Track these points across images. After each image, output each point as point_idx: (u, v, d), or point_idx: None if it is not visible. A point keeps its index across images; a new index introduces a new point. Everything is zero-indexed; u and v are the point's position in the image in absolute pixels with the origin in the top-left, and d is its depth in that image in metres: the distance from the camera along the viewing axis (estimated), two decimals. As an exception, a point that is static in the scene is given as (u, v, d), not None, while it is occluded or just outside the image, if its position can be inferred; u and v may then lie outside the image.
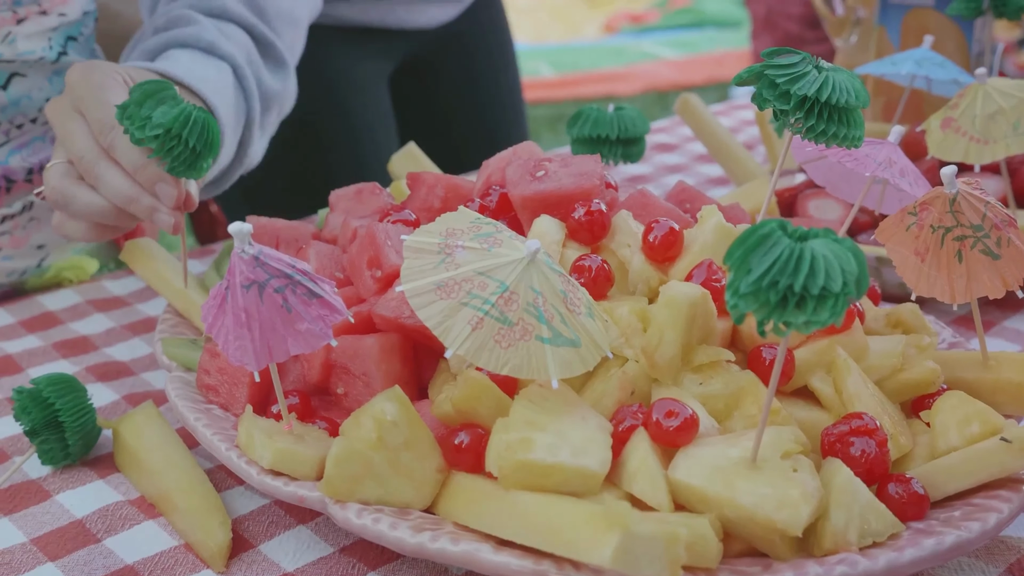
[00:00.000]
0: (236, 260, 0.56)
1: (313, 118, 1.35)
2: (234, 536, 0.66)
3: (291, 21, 0.98)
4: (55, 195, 0.77)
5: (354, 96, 1.39)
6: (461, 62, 1.50)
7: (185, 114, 0.72)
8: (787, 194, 0.99)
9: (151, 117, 0.72)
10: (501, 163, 0.77)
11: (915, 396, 0.67)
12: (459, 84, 1.52)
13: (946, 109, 0.88)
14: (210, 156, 0.74)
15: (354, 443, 0.58)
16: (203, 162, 0.74)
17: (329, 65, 1.37)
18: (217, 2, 0.91)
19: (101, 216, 0.77)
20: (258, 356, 0.57)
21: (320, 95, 1.36)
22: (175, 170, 0.74)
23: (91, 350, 0.90)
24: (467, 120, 1.54)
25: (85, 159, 0.76)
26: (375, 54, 1.41)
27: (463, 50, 1.50)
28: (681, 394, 0.61)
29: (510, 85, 1.58)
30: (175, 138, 0.72)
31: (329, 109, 1.38)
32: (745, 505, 0.54)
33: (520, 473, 0.55)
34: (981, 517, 0.57)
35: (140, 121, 0.72)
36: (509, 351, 0.56)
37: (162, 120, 0.72)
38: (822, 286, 0.48)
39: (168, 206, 0.76)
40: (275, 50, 0.95)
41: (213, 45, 0.87)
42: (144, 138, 0.72)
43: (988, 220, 0.63)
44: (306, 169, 1.37)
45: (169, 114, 0.72)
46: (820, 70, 0.65)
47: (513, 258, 0.58)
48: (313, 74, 1.36)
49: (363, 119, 1.40)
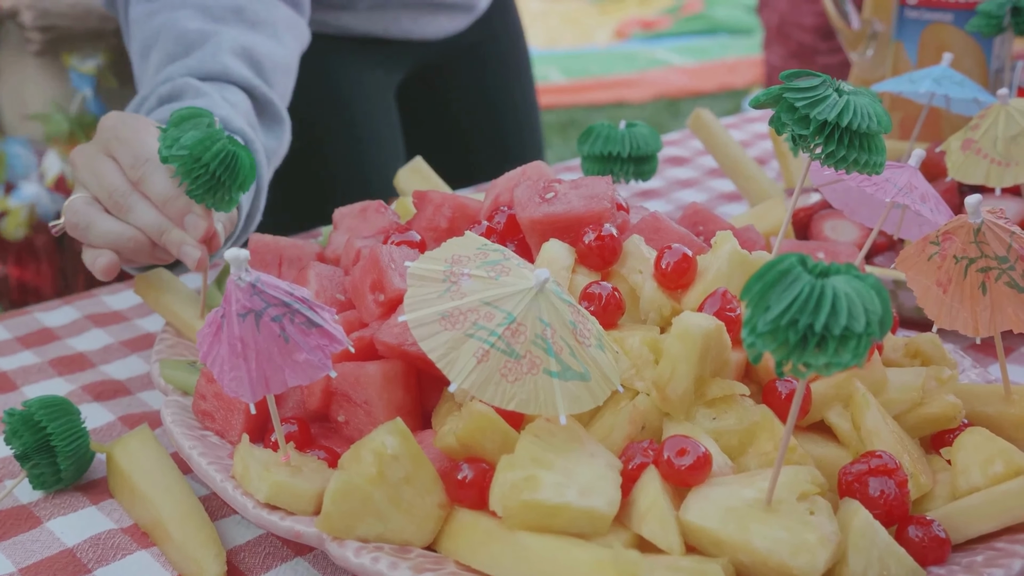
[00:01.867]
0: (232, 288, 0.54)
1: (316, 129, 1.33)
2: (229, 568, 0.64)
3: (285, 71, 0.97)
4: (76, 219, 0.76)
5: (359, 107, 1.37)
6: (474, 72, 1.48)
7: (211, 140, 0.72)
8: (802, 214, 0.96)
9: (180, 138, 0.72)
10: (510, 183, 0.75)
11: (935, 431, 0.65)
12: (471, 94, 1.49)
13: (966, 130, 0.86)
14: (235, 188, 0.74)
15: (353, 478, 0.56)
16: (226, 193, 0.74)
17: (333, 75, 1.35)
18: (217, 64, 0.89)
19: (123, 243, 0.76)
20: (254, 387, 0.55)
21: (323, 106, 1.34)
22: (195, 195, 0.74)
23: (88, 367, 0.88)
24: (480, 131, 1.52)
25: (116, 191, 0.75)
26: (380, 64, 1.39)
27: (476, 60, 1.47)
28: (693, 429, 0.59)
29: (524, 95, 1.55)
30: (196, 161, 0.72)
31: (332, 120, 1.36)
32: (759, 549, 0.52)
33: (525, 513, 0.53)
34: (1005, 563, 0.55)
35: (170, 140, 0.73)
36: (516, 385, 0.54)
37: (188, 143, 0.72)
38: (844, 326, 0.46)
39: (195, 238, 0.75)
40: (273, 107, 0.94)
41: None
42: (169, 156, 0.72)
43: (1014, 252, 0.61)
44: (309, 181, 1.35)
45: (196, 138, 0.72)
46: (841, 93, 0.62)
47: (521, 288, 0.56)
48: (316, 84, 1.34)
49: (368, 130, 1.38)
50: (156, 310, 0.82)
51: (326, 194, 1.34)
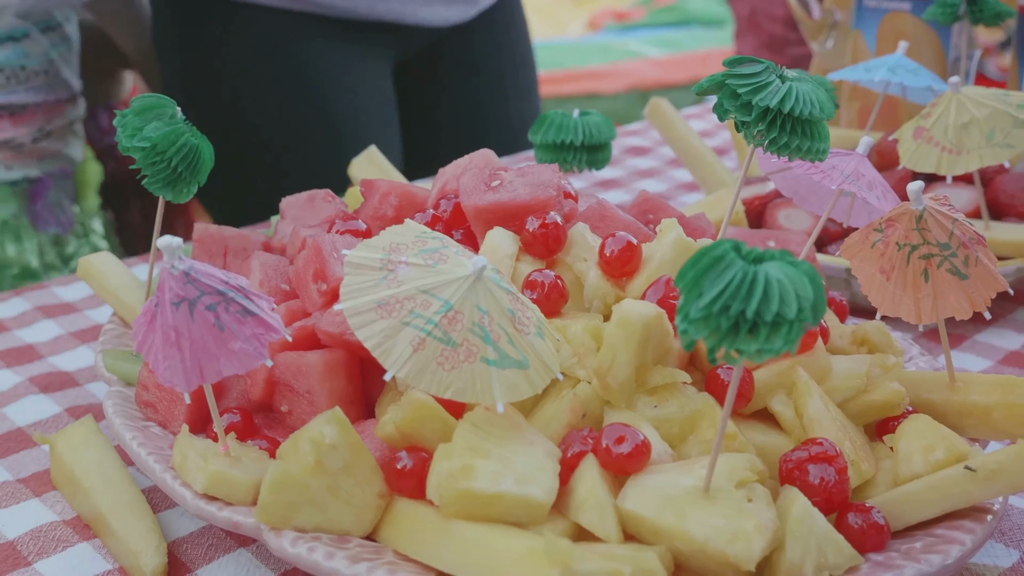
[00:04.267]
0: (165, 276, 0.54)
1: (291, 118, 1.31)
2: (171, 560, 0.63)
3: None
4: None
5: (339, 95, 1.34)
6: (475, 61, 1.46)
7: (175, 134, 0.71)
8: (756, 203, 0.96)
9: (143, 128, 0.71)
10: (457, 171, 0.74)
11: (879, 418, 0.65)
12: (472, 84, 1.47)
13: (918, 118, 0.86)
14: (193, 182, 0.73)
15: (291, 468, 0.55)
16: (184, 186, 0.73)
17: (307, 60, 1.32)
18: None
19: None
20: (188, 377, 0.54)
21: (298, 94, 1.32)
22: (153, 187, 0.72)
23: (36, 359, 0.87)
24: (480, 121, 1.49)
25: None
26: (366, 51, 1.36)
27: (477, 48, 1.45)
28: (634, 418, 0.58)
29: (526, 85, 1.53)
30: (159, 155, 0.71)
31: (306, 107, 1.34)
32: (696, 537, 0.51)
33: (461, 502, 0.52)
34: (943, 549, 0.55)
35: (131, 130, 0.71)
36: (452, 373, 0.54)
37: (151, 135, 0.71)
38: (776, 312, 0.45)
39: None
40: None
41: None
42: (130, 147, 0.71)
43: (956, 238, 0.61)
44: (286, 172, 1.34)
45: (161, 131, 0.71)
46: (784, 80, 0.62)
47: (458, 275, 0.55)
48: (292, 71, 1.32)
49: (348, 118, 1.35)
50: (100, 295, 0.81)
51: (301, 186, 1.33)
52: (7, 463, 0.73)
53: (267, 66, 1.33)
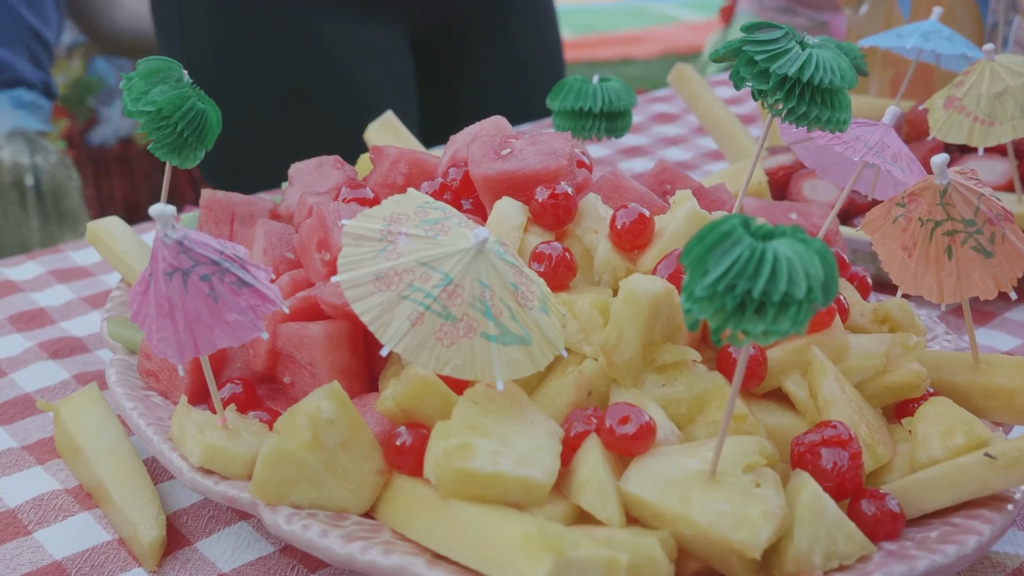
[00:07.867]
0: (158, 245, 0.52)
1: (297, 85, 1.30)
2: (171, 531, 0.63)
3: None
4: None
5: (358, 65, 1.33)
6: (498, 26, 1.43)
7: (181, 98, 0.70)
8: (780, 173, 0.93)
9: (148, 92, 0.70)
10: (468, 138, 0.72)
11: (898, 400, 0.62)
12: (495, 50, 1.45)
13: (950, 87, 0.83)
14: (200, 147, 0.72)
15: (287, 443, 0.54)
16: (190, 151, 0.72)
17: (327, 30, 1.31)
18: None
19: None
20: (182, 348, 0.53)
21: (306, 62, 1.30)
22: (159, 152, 0.72)
23: (47, 324, 0.86)
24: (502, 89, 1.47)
25: None
26: (381, 16, 1.34)
27: (499, 16, 1.43)
28: (641, 396, 0.56)
29: (550, 53, 1.51)
30: (164, 119, 0.70)
31: (325, 79, 1.33)
32: (700, 523, 0.50)
33: (458, 482, 0.51)
34: (959, 539, 0.53)
35: (137, 93, 0.70)
36: (451, 349, 0.52)
37: (157, 98, 0.70)
38: (784, 292, 0.43)
39: None
40: None
41: None
42: (135, 111, 0.70)
43: (981, 214, 0.59)
44: (303, 141, 1.32)
45: (167, 94, 0.70)
46: (804, 46, 0.59)
47: (459, 248, 0.54)
48: (307, 39, 1.31)
49: (359, 88, 1.34)
50: (108, 260, 0.80)
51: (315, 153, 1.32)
52: (12, 429, 0.72)
53: (279, 32, 1.32)
